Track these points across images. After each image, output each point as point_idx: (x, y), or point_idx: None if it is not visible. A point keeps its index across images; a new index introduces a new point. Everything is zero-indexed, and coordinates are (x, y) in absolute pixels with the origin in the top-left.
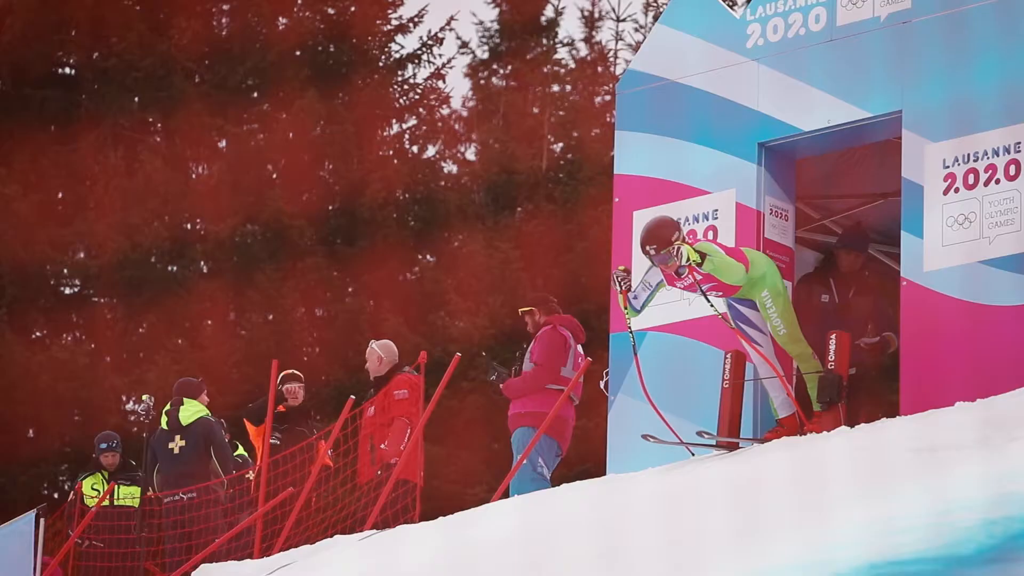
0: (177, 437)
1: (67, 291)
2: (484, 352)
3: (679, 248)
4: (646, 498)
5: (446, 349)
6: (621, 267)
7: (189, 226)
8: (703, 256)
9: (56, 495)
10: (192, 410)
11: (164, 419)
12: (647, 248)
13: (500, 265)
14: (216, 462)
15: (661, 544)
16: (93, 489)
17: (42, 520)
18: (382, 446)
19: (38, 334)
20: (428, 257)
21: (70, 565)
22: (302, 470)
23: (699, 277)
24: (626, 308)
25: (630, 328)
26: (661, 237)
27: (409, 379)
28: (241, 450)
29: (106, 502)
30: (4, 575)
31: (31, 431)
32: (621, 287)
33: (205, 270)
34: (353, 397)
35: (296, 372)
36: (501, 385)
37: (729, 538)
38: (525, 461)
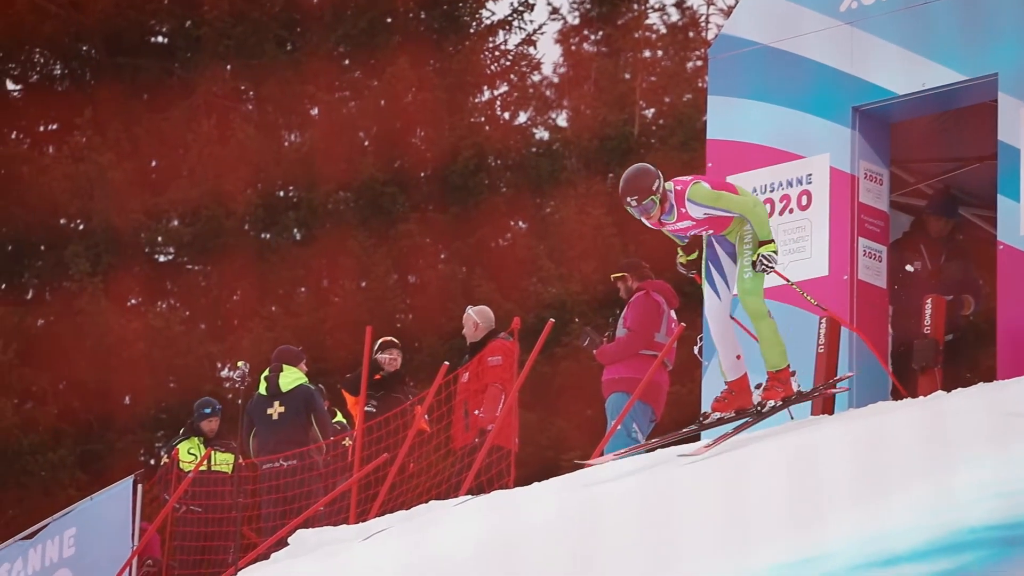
0: (276, 403)
1: (161, 259)
2: (577, 318)
3: (659, 187)
4: (704, 473)
5: (539, 315)
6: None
7: (282, 193)
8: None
9: (152, 461)
10: (292, 377)
11: (263, 385)
12: (627, 200)
13: (593, 231)
14: (316, 428)
15: (718, 519)
16: (189, 454)
17: (139, 486)
18: (476, 412)
19: (133, 301)
20: (520, 224)
21: (167, 531)
22: (397, 436)
23: (698, 218)
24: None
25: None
26: (641, 187)
27: (503, 345)
28: (340, 417)
29: (203, 467)
30: (103, 540)
31: (127, 398)
32: (690, 271)
33: (298, 237)
34: (447, 363)
35: (392, 339)
36: (595, 351)
37: (784, 513)
38: (619, 427)
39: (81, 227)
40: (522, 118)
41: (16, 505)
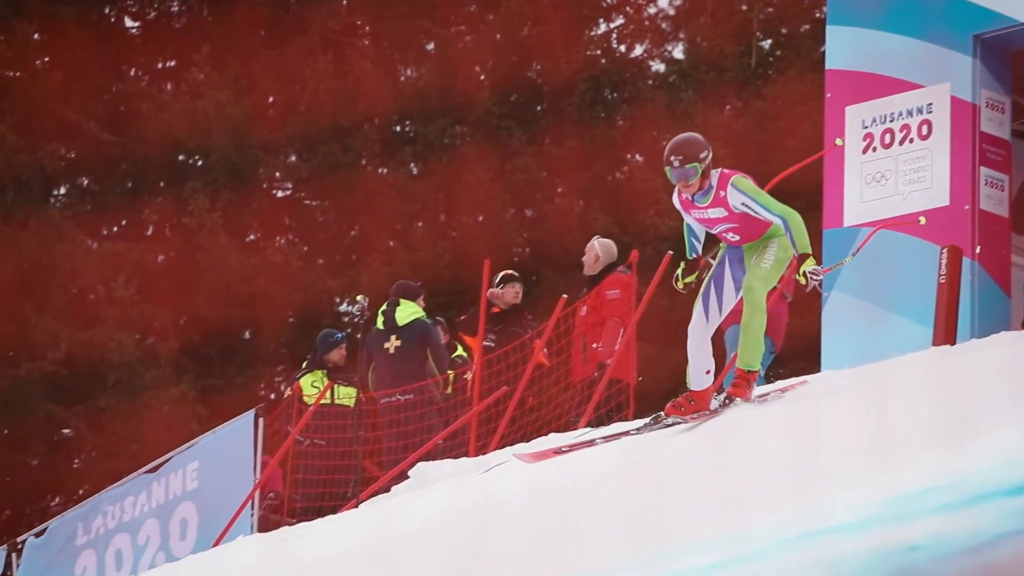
0: (393, 337)
1: (280, 194)
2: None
3: (707, 159)
4: (772, 419)
5: (657, 248)
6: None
7: (398, 128)
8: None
9: (272, 395)
10: (408, 311)
11: (380, 319)
12: (672, 158)
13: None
14: (432, 362)
15: (789, 459)
16: (313, 387)
17: (261, 419)
18: (595, 346)
19: (252, 237)
20: (637, 156)
21: (289, 464)
22: (516, 369)
23: (733, 208)
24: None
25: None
26: (689, 151)
27: (621, 279)
28: (460, 351)
29: (325, 400)
30: (226, 474)
31: (247, 333)
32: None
33: (415, 172)
34: (566, 296)
35: (511, 272)
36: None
37: (862, 458)
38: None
39: (200, 163)
40: (638, 50)
41: (139, 439)
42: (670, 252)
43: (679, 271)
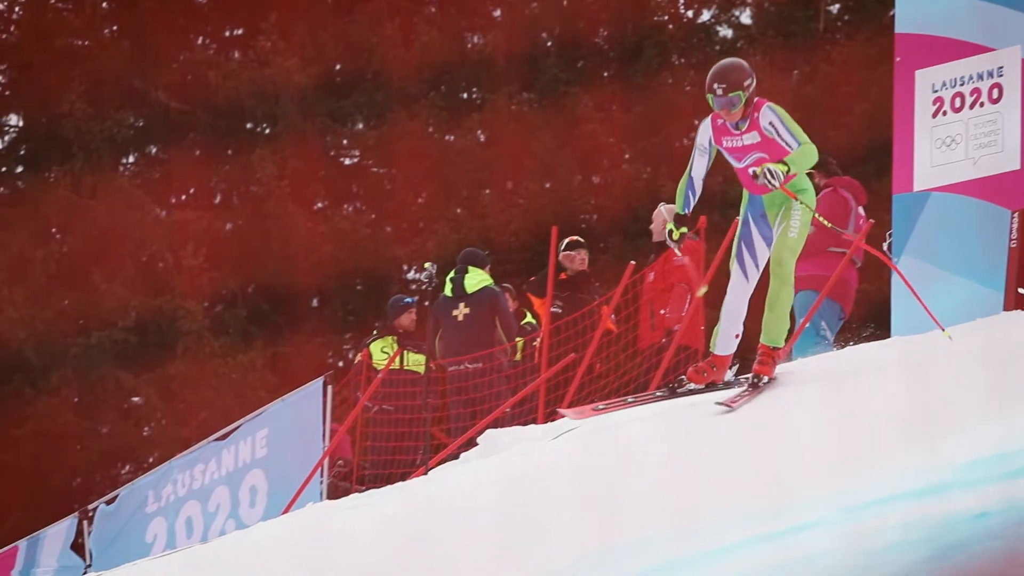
0: (462, 305)
1: (347, 162)
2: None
3: (751, 87)
4: (815, 389)
5: (725, 214)
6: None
7: (465, 95)
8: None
9: (341, 364)
10: (477, 278)
11: (448, 286)
12: (715, 86)
13: None
14: (501, 330)
15: (830, 431)
16: (382, 353)
17: (330, 387)
18: (663, 312)
19: (320, 205)
20: None
21: (358, 431)
22: (584, 336)
23: (763, 130)
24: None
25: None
26: (734, 78)
27: (689, 244)
28: (529, 317)
29: (394, 366)
30: (295, 441)
31: (315, 300)
32: (679, 248)
33: (482, 139)
34: (634, 263)
35: (578, 238)
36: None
37: (905, 430)
38: (808, 324)
39: (267, 131)
40: (705, 16)
41: (208, 407)
42: (738, 218)
43: (671, 225)
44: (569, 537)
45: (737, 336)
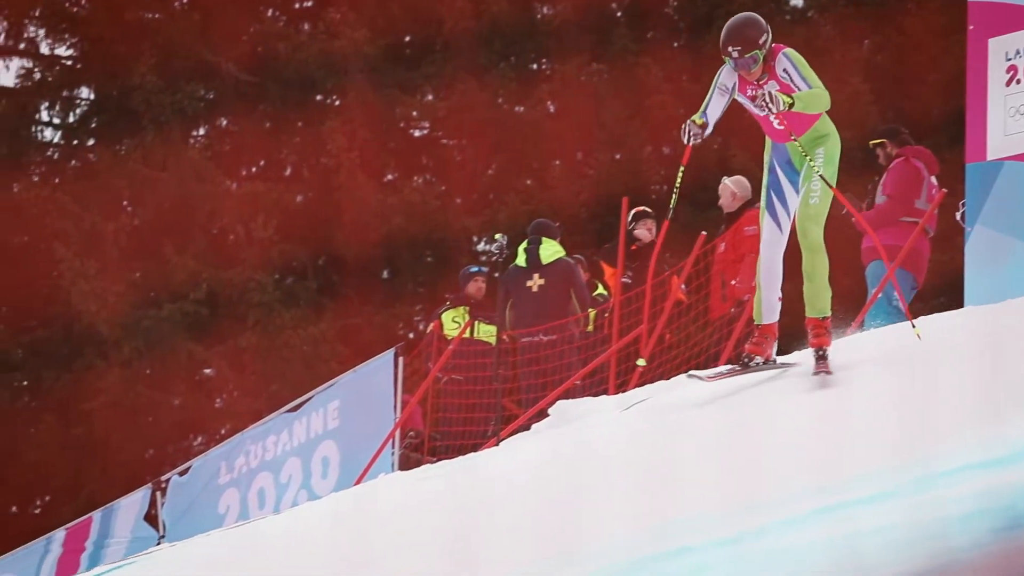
0: (536, 276)
1: (417, 133)
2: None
3: (767, 42)
4: (886, 360)
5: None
6: (697, 120)
7: (535, 66)
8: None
9: (411, 335)
10: (552, 249)
11: (523, 257)
12: (729, 48)
13: (849, 99)
14: (576, 301)
15: (901, 402)
16: (454, 323)
17: (400, 358)
18: (734, 282)
19: (389, 176)
20: None
21: (429, 402)
22: (655, 307)
23: (778, 77)
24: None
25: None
26: (748, 37)
27: (756, 214)
28: (601, 288)
29: (465, 336)
30: (366, 412)
31: (385, 272)
32: (691, 140)
33: (552, 110)
34: (704, 233)
35: (647, 209)
36: (853, 219)
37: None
38: (880, 295)
39: (337, 103)
40: None
41: (279, 379)
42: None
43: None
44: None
45: (779, 300)
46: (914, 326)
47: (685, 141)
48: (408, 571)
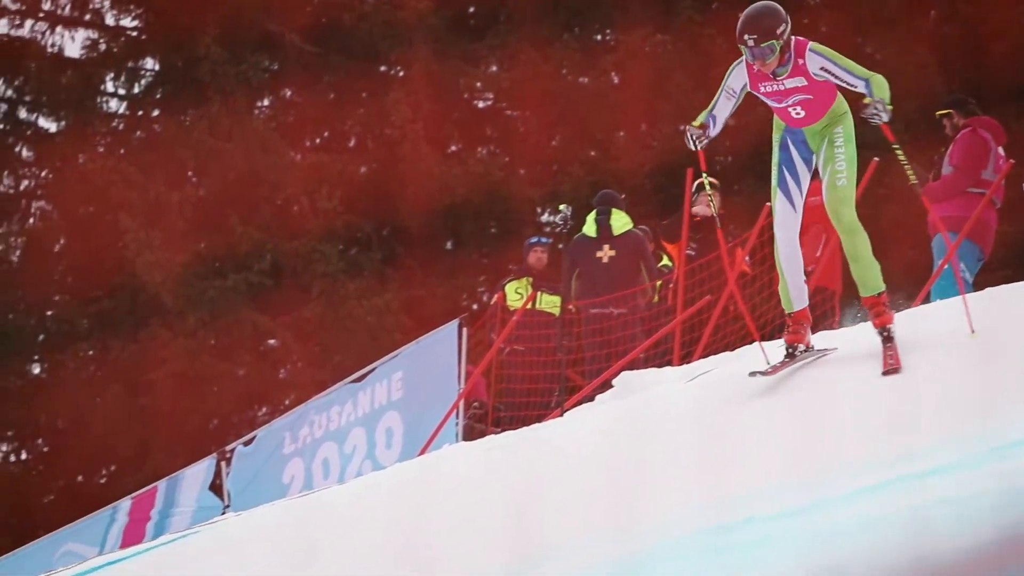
0: (606, 247)
1: (481, 104)
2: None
3: (785, 33)
4: (953, 330)
5: (863, 155)
6: (695, 124)
7: (599, 37)
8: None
9: (475, 306)
10: (622, 221)
11: (593, 227)
12: (746, 36)
13: (916, 69)
14: (644, 273)
15: (970, 371)
16: (517, 293)
17: (464, 329)
18: None
19: (453, 148)
20: None
21: (492, 374)
22: (719, 278)
23: (813, 75)
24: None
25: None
26: (766, 26)
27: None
28: (666, 260)
29: (528, 306)
30: (430, 383)
31: (449, 243)
32: (696, 144)
33: (616, 81)
34: (769, 204)
35: (712, 180)
36: (919, 189)
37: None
38: (946, 266)
39: (401, 74)
40: None
41: (343, 350)
42: (876, 159)
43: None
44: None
45: (805, 283)
46: (973, 331)
47: (691, 147)
48: (472, 540)
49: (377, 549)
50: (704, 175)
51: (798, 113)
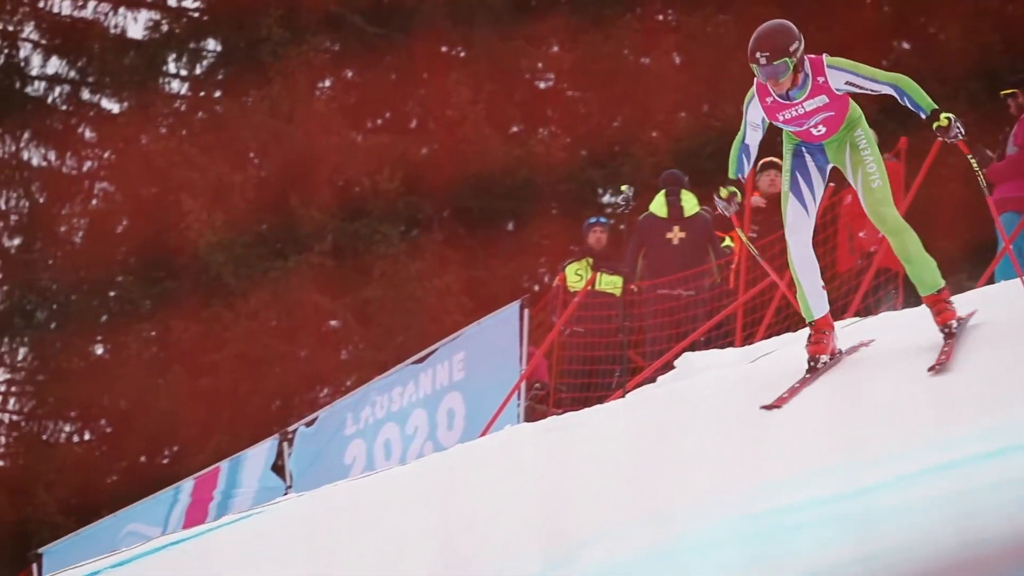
0: (676, 228)
1: (542, 85)
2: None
3: (798, 51)
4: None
5: (924, 136)
6: (726, 190)
7: (661, 17)
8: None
9: (536, 287)
10: (692, 202)
11: (663, 208)
12: (757, 54)
13: (979, 48)
14: (712, 255)
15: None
16: (577, 275)
17: (526, 310)
18: (861, 234)
19: (515, 129)
20: (904, 44)
21: (554, 355)
22: (781, 259)
23: (836, 90)
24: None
25: None
26: (777, 45)
27: (889, 166)
28: (728, 241)
29: (589, 288)
30: (492, 364)
31: (510, 224)
32: (729, 210)
33: (678, 61)
34: (832, 185)
35: (772, 159)
36: (983, 169)
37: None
38: (1011, 247)
39: (462, 55)
40: None
41: (404, 331)
42: (940, 139)
43: (721, 190)
44: (740, 465)
45: (824, 287)
46: None
47: (726, 214)
48: (535, 519)
49: (429, 531)
50: (742, 234)
51: (819, 130)
